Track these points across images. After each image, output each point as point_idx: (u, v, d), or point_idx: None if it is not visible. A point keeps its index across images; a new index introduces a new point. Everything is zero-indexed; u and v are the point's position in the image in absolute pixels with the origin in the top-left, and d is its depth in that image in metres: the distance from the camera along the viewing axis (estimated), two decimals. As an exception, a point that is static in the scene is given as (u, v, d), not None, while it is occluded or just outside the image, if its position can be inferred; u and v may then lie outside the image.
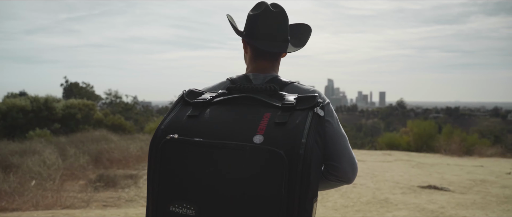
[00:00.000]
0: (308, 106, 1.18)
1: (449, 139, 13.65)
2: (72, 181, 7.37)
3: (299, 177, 1.06)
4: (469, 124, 66.68)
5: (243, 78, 1.43)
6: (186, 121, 1.19)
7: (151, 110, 34.25)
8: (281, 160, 1.05)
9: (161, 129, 1.19)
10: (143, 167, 9.13)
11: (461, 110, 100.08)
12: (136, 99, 28.61)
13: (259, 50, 1.45)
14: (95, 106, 19.09)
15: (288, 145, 1.08)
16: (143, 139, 12.36)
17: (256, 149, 1.07)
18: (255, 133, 1.11)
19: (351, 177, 1.34)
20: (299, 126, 1.12)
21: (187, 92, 1.30)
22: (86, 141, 10.97)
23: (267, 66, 1.47)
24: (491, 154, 12.44)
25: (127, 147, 10.33)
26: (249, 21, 1.45)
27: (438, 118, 72.34)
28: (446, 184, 7.57)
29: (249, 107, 1.20)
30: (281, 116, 1.15)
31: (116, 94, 27.03)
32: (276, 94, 1.24)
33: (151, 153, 1.17)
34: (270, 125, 1.12)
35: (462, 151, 12.63)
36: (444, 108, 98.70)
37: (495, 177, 8.38)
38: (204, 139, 1.12)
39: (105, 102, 27.19)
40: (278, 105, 1.19)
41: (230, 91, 1.27)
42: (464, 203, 6.15)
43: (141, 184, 7.27)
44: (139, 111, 27.88)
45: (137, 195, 6.42)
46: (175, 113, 1.24)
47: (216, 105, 1.23)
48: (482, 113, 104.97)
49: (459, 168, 9.65)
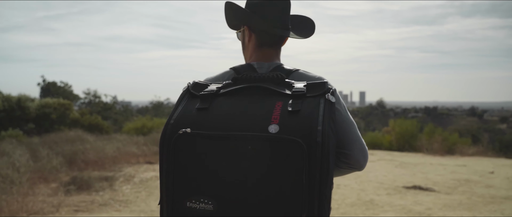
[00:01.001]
0: (319, 93, 1.16)
1: (430, 138, 13.62)
2: (43, 184, 6.98)
3: (319, 165, 1.05)
4: (447, 123, 67.65)
5: (247, 67, 1.41)
6: (196, 114, 1.16)
7: (131, 110, 33.90)
8: (300, 149, 1.04)
9: (170, 123, 1.15)
10: (120, 168, 8.77)
11: (439, 109, 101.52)
12: (116, 99, 28.26)
13: (265, 37, 1.43)
14: (71, 106, 18.53)
15: (305, 133, 1.06)
16: (121, 139, 11.95)
17: (273, 138, 1.06)
18: (270, 122, 1.09)
19: (363, 163, 1.34)
20: (313, 113, 1.10)
21: (192, 84, 1.27)
22: (60, 142, 10.53)
23: (272, 54, 1.45)
24: (473, 153, 12.46)
25: (103, 148, 9.94)
26: (253, 7, 1.41)
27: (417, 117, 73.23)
28: (431, 184, 7.45)
29: (259, 96, 1.18)
30: (293, 104, 1.13)
31: (95, 94, 26.63)
32: (283, 82, 1.21)
33: (163, 149, 1.13)
34: (283, 114, 1.10)
35: (444, 150, 12.61)
36: (423, 108, 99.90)
37: (478, 177, 8.31)
38: (217, 131, 1.10)
39: (83, 102, 26.77)
40: (288, 93, 1.17)
41: (236, 81, 1.23)
42: (451, 204, 6.01)
43: (117, 186, 6.93)
44: (118, 111, 27.45)
45: (112, 199, 6.09)
46: (183, 106, 1.20)
47: (224, 97, 1.20)
48: (459, 112, 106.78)
49: (442, 167, 9.57)
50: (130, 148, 10.71)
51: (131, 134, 14.66)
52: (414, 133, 14.37)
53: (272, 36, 1.44)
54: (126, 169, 8.66)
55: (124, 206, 5.75)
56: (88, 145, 10.10)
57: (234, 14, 1.46)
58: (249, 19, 1.43)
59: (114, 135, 13.71)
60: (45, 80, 26.34)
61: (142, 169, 8.82)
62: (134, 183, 7.32)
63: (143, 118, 18.89)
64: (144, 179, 7.66)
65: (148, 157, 10.29)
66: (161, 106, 32.74)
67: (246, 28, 1.46)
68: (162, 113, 28.88)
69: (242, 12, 1.43)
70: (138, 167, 9.10)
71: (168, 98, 36.53)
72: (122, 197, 6.26)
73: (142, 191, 6.68)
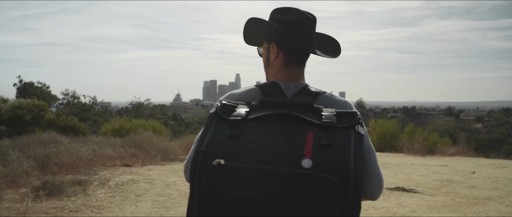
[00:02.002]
0: (349, 125, 1.17)
1: (411, 138, 13.63)
2: (11, 189, 6.62)
3: (351, 202, 1.06)
4: (425, 123, 68.78)
5: (273, 87, 1.42)
6: (227, 142, 1.15)
7: (111, 110, 33.43)
8: (335, 187, 1.05)
9: (202, 151, 1.15)
10: (95, 171, 8.43)
11: (417, 109, 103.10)
12: (95, 100, 27.82)
13: (294, 55, 1.44)
14: (46, 106, 17.97)
15: (338, 170, 1.08)
16: (97, 141, 11.56)
17: (307, 175, 1.07)
18: (302, 156, 1.09)
19: (377, 194, 1.32)
20: (345, 148, 1.12)
21: (220, 107, 1.26)
22: (32, 144, 10.09)
23: (298, 72, 1.46)
24: (453, 153, 12.49)
25: (78, 150, 9.57)
26: (283, 24, 1.41)
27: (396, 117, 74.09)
28: (414, 185, 7.36)
29: (290, 125, 1.18)
30: (325, 137, 1.14)
31: (74, 95, 26.15)
32: (311, 108, 1.22)
33: (194, 178, 1.13)
34: (315, 147, 1.11)
35: (424, 150, 12.61)
36: (402, 107, 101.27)
37: (460, 177, 8.27)
38: (251, 163, 1.10)
39: (62, 103, 26.21)
40: (318, 122, 1.18)
41: (264, 105, 1.24)
42: (435, 205, 5.91)
43: (90, 191, 6.62)
44: (97, 112, 26.96)
45: (84, 204, 5.78)
46: (212, 131, 1.19)
47: (254, 123, 1.20)
48: (437, 112, 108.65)
49: (424, 168, 9.52)
50: (107, 150, 10.35)
51: (109, 135, 14.26)
52: (395, 133, 14.36)
53: (301, 54, 1.46)
54: (102, 172, 8.33)
55: (96, 212, 5.46)
56: (62, 147, 9.70)
57: (261, 30, 1.46)
58: (280, 36, 1.42)
59: (90, 137, 13.27)
60: (22, 81, 25.62)
61: (118, 172, 8.51)
62: (109, 187, 7.01)
63: (121, 119, 18.45)
64: (120, 182, 7.36)
65: (125, 159, 9.96)
66: (141, 107, 32.30)
67: (274, 45, 1.45)
68: (142, 114, 28.44)
69: (272, 28, 1.42)
70: (114, 170, 8.78)
71: (148, 99, 36.05)
72: (95, 202, 5.96)
73: (117, 196, 6.39)
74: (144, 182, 7.47)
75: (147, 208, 5.72)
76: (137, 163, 9.81)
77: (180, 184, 7.31)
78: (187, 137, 16.23)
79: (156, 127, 16.63)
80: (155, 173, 8.47)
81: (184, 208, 5.70)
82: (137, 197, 6.36)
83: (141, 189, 6.93)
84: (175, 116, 34.75)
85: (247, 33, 1.50)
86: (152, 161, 10.13)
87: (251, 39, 1.53)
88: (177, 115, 35.57)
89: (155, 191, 6.79)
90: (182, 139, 15.29)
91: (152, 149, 11.00)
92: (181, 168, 9.32)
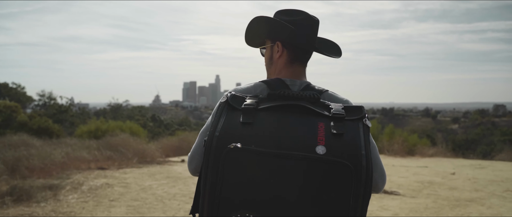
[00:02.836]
0: (357, 117, 1.21)
1: (391, 139, 13.64)
2: (-23, 195, 6.26)
3: (363, 187, 1.09)
4: (403, 124, 69.56)
5: (279, 83, 1.43)
6: (242, 128, 1.17)
7: (88, 112, 32.79)
8: (350, 172, 1.09)
9: (216, 136, 1.15)
10: (68, 175, 8.10)
11: (395, 111, 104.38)
12: (72, 101, 27.23)
13: (299, 54, 1.48)
14: (19, 108, 17.42)
15: (352, 156, 1.11)
16: (71, 144, 11.19)
17: (323, 160, 1.09)
18: (316, 143, 1.12)
19: (381, 187, 1.36)
20: (356, 137, 1.16)
21: (231, 96, 1.27)
22: (1, 147, 9.68)
23: (301, 71, 1.50)
24: (432, 154, 12.54)
25: (51, 153, 9.19)
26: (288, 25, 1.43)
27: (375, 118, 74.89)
28: (395, 187, 7.28)
29: (301, 115, 1.20)
30: (336, 126, 1.17)
31: (50, 96, 25.52)
32: (318, 102, 1.26)
33: (208, 162, 1.13)
34: (328, 135, 1.14)
35: (404, 151, 12.63)
36: (380, 109, 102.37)
37: (441, 178, 8.24)
38: (266, 148, 1.12)
39: (37, 104, 25.56)
40: (328, 114, 1.21)
41: (272, 97, 1.26)
42: (417, 208, 5.82)
43: (61, 196, 6.31)
44: (75, 113, 26.35)
45: (53, 211, 5.49)
46: (225, 118, 1.20)
47: (266, 112, 1.21)
48: (414, 113, 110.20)
49: (404, 169, 9.48)
50: (81, 152, 10.00)
51: (85, 137, 13.85)
52: (375, 134, 14.35)
53: (305, 52, 1.50)
54: (75, 176, 8.00)
55: (67, 219, 5.18)
56: (33, 150, 9.32)
57: (267, 28, 1.48)
58: (287, 34, 1.44)
59: (64, 139, 12.85)
60: (-4, 82, 24.92)
61: (92, 175, 8.19)
62: (82, 191, 6.72)
63: (97, 121, 17.99)
64: (94, 186, 7.06)
65: (100, 162, 9.64)
66: (119, 109, 31.76)
67: (279, 43, 1.48)
68: (121, 115, 27.92)
69: (280, 26, 1.43)
70: (89, 173, 8.46)
71: (127, 100, 35.50)
72: (66, 208, 5.67)
73: (90, 201, 6.10)
74: (119, 186, 7.19)
75: (121, 213, 5.46)
76: (113, 166, 9.50)
77: (156, 188, 7.06)
78: (165, 138, 15.93)
79: (133, 128, 16.27)
80: (131, 177, 8.19)
81: (159, 213, 5.47)
82: (111, 202, 6.09)
83: (116, 193, 6.66)
84: (154, 117, 34.22)
85: (250, 32, 1.51)
86: (128, 164, 9.83)
87: (253, 40, 1.55)
88: (156, 116, 35.05)
89: (130, 195, 6.52)
90: (160, 141, 14.99)
91: (129, 152, 10.69)
92: (158, 171, 9.06)
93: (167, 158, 11.65)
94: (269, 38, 1.51)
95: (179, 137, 15.70)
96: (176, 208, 5.77)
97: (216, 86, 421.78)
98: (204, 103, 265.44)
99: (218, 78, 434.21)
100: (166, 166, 9.85)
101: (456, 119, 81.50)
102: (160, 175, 8.50)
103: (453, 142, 28.47)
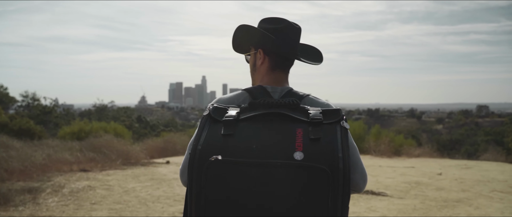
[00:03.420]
0: (335, 121, 1.24)
1: (377, 139, 13.64)
2: (-48, 199, 6.02)
3: (341, 189, 1.13)
4: (389, 124, 70.09)
5: (260, 91, 1.47)
6: (222, 140, 1.20)
7: (73, 113, 32.31)
8: (326, 175, 1.12)
9: (198, 149, 1.19)
10: (49, 178, 7.87)
11: (381, 111, 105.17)
12: (57, 102, 26.79)
13: (279, 61, 1.51)
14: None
15: (328, 160, 1.14)
16: (53, 145, 10.91)
17: (300, 166, 1.13)
18: (294, 149, 1.15)
19: (362, 187, 1.38)
20: (333, 141, 1.19)
21: (213, 109, 1.31)
22: (-21, 149, 9.38)
23: (282, 77, 1.53)
24: (419, 154, 12.56)
25: (31, 155, 8.94)
26: (271, 33, 1.48)
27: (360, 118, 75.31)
28: (383, 188, 7.22)
29: (280, 123, 1.24)
30: (313, 132, 1.20)
31: (34, 97, 25.01)
32: (298, 108, 1.28)
33: (192, 175, 1.17)
34: (305, 141, 1.17)
35: (391, 151, 12.63)
36: (366, 109, 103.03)
37: (428, 179, 8.22)
38: (247, 158, 1.15)
39: (21, 106, 25.05)
40: (306, 120, 1.24)
41: (253, 106, 1.30)
42: (405, 209, 5.76)
43: (41, 200, 6.10)
44: (59, 114, 25.89)
45: (32, 215, 5.29)
46: (207, 131, 1.24)
47: (246, 123, 1.25)
48: (400, 113, 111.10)
49: (391, 169, 9.45)
50: (63, 154, 9.76)
51: (68, 139, 13.56)
52: (361, 135, 14.35)
53: (285, 60, 1.52)
54: (56, 179, 7.78)
55: (46, 223, 4.99)
56: (13, 152, 9.05)
57: (250, 37, 1.52)
58: (268, 42, 1.48)
59: (46, 141, 12.55)
60: (-22, 83, 24.36)
61: (74, 178, 7.98)
62: (63, 194, 6.51)
63: (80, 122, 17.67)
64: (75, 189, 6.86)
65: (83, 164, 9.41)
66: (105, 110, 31.37)
67: (261, 51, 1.51)
68: (106, 116, 27.55)
69: (261, 34, 1.48)
70: (71, 175, 8.24)
71: (112, 101, 35.05)
72: (46, 212, 5.47)
73: (70, 204, 5.91)
74: (101, 189, 7.00)
75: (103, 217, 5.29)
76: (96, 168, 9.28)
77: (140, 190, 6.89)
78: (150, 139, 15.71)
79: (118, 129, 16.02)
80: (114, 179, 8.00)
81: (143, 217, 5.31)
82: (93, 205, 5.91)
83: (98, 196, 6.47)
84: (140, 118, 33.89)
85: (236, 40, 1.55)
86: (111, 166, 9.62)
87: (239, 47, 1.59)
88: (142, 117, 34.72)
89: (113, 198, 6.34)
90: (145, 142, 14.77)
91: (112, 153, 10.48)
92: (142, 172, 8.88)
93: (151, 160, 11.46)
94: (253, 46, 1.55)
95: (164, 138, 15.51)
96: (160, 210, 5.61)
97: (202, 87, 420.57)
98: (190, 104, 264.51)
99: (205, 79, 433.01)
100: (151, 168, 9.67)
101: (441, 120, 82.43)
102: (144, 177, 8.32)
103: (438, 142, 28.76)
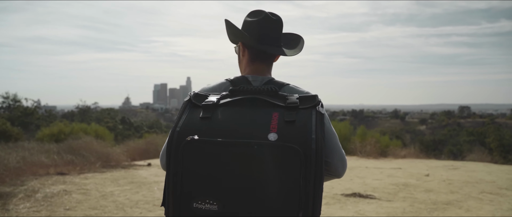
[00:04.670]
0: (311, 105, 1.28)
1: (363, 140, 13.50)
2: None
3: (313, 169, 1.16)
4: (373, 125, 70.52)
5: (242, 80, 1.52)
6: (200, 123, 1.25)
7: (55, 115, 31.56)
8: (298, 154, 1.14)
9: (177, 131, 1.23)
10: (22, 182, 7.49)
11: (365, 112, 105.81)
12: (39, 104, 26.10)
13: (257, 53, 1.56)
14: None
15: (301, 141, 1.17)
16: (29, 148, 10.48)
17: (273, 145, 1.16)
18: (269, 131, 1.19)
19: (341, 172, 1.40)
20: (307, 123, 1.22)
21: (194, 95, 1.36)
22: (-51, 152, 8.94)
23: (263, 68, 1.58)
24: (405, 155, 12.45)
25: (4, 158, 8.53)
26: (248, 26, 1.55)
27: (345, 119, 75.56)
28: (370, 190, 7.03)
29: (257, 108, 1.28)
30: (289, 115, 1.24)
31: (15, 98, 24.30)
32: (277, 94, 1.32)
33: (170, 155, 1.21)
34: (280, 123, 1.21)
35: (377, 152, 12.49)
36: (350, 110, 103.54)
37: (416, 180, 8.06)
38: (223, 138, 1.18)
39: (1, 107, 24.33)
40: (283, 105, 1.28)
41: (234, 93, 1.34)
42: (394, 212, 5.56)
43: (12, 205, 5.74)
44: (41, 116, 25.21)
45: (0, 223, 4.94)
46: (187, 115, 1.29)
47: (225, 107, 1.29)
48: (383, 114, 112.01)
49: (378, 171, 9.28)
50: (39, 157, 9.35)
51: (47, 141, 13.09)
52: (347, 136, 14.19)
53: (262, 52, 1.56)
54: (30, 183, 7.41)
55: (14, 231, 4.65)
56: (-15, 155, 8.64)
57: (231, 31, 1.59)
58: (241, 37, 1.55)
59: (22, 143, 12.08)
60: (-46, 84, 23.63)
61: (50, 181, 7.61)
62: (36, 199, 6.16)
63: (60, 123, 17.17)
64: (50, 194, 6.51)
65: (60, 167, 9.02)
66: (88, 111, 30.76)
67: (241, 44, 1.59)
68: (90, 118, 26.98)
69: (235, 30, 1.56)
70: (46, 179, 7.86)
71: (96, 102, 34.38)
72: (15, 219, 5.13)
73: (43, 210, 5.57)
74: (77, 193, 6.66)
75: (77, 224, 4.97)
76: (74, 171, 8.91)
77: (118, 195, 6.57)
78: (132, 141, 15.31)
79: (99, 131, 15.60)
80: (92, 182, 7.66)
81: (120, 223, 5.00)
82: (67, 210, 5.58)
83: (73, 201, 6.13)
84: (124, 119, 33.29)
85: (227, 34, 1.63)
86: (90, 169, 9.26)
87: (230, 39, 1.65)
88: (126, 119, 34.12)
89: (89, 203, 6.02)
90: (126, 143, 14.38)
91: (92, 155, 10.11)
92: (122, 175, 8.54)
93: (132, 162, 11.11)
94: (237, 39, 1.62)
95: (147, 139, 15.14)
96: (138, 216, 5.32)
97: (187, 88, 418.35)
98: (175, 105, 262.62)
99: (189, 80, 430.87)
100: (131, 170, 9.33)
101: (424, 120, 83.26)
102: (123, 180, 7.99)
103: (422, 142, 28.90)
